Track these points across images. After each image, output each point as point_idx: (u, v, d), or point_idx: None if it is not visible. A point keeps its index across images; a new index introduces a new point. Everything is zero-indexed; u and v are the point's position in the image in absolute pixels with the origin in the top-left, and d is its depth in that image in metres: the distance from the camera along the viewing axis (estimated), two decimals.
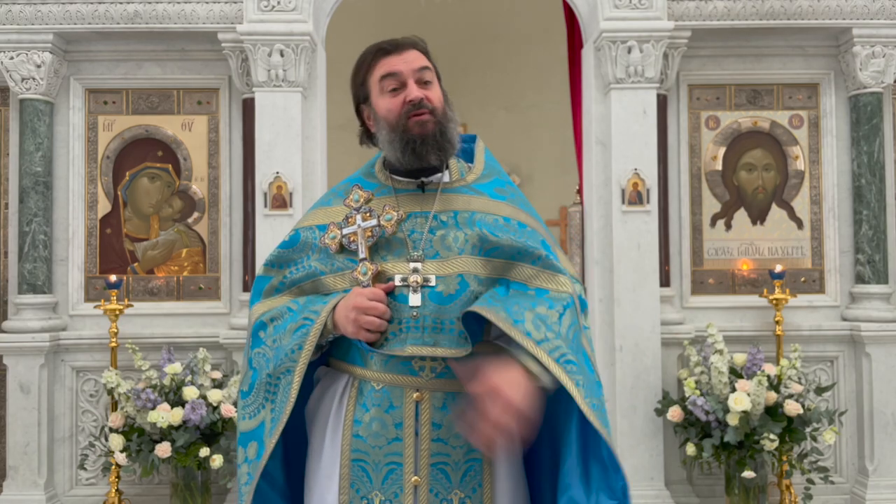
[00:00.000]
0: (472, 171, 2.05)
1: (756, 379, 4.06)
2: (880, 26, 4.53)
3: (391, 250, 1.91)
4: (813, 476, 4.24)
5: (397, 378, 1.86)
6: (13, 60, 4.51)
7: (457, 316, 1.83)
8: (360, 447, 1.87)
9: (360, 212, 1.94)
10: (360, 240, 1.92)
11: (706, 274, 4.74)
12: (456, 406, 1.83)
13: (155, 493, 4.57)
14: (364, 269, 1.89)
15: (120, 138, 4.73)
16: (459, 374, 1.79)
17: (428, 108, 1.90)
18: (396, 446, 1.85)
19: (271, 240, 4.40)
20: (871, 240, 4.58)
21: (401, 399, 1.85)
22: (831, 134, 4.75)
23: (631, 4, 4.43)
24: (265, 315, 1.97)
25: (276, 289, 2.00)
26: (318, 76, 4.63)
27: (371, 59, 1.96)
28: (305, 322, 1.88)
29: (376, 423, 1.86)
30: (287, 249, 2.01)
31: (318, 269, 1.96)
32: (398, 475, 1.85)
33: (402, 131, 1.90)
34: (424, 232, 1.92)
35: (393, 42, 1.96)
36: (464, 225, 1.92)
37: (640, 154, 4.46)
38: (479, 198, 1.99)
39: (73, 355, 4.60)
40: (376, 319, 1.82)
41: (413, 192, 1.99)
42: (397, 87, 1.92)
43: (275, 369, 1.89)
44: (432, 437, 1.85)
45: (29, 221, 4.53)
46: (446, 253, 1.90)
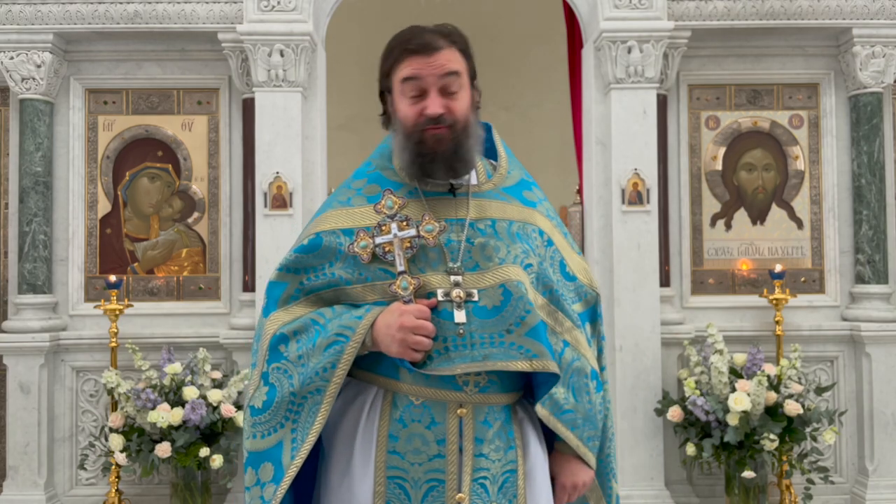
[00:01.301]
0: (498, 171, 1.95)
1: (756, 379, 4.06)
2: (880, 26, 4.52)
3: (428, 261, 1.80)
4: (813, 476, 4.24)
5: (439, 393, 1.77)
6: (13, 60, 4.51)
7: (506, 329, 1.77)
8: (397, 464, 1.77)
9: (395, 220, 1.80)
10: (397, 251, 1.78)
11: (706, 274, 4.73)
12: (494, 420, 1.81)
13: (155, 493, 4.57)
14: (405, 283, 1.76)
15: (120, 138, 4.73)
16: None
17: (447, 122, 1.78)
18: (438, 463, 1.77)
19: (271, 240, 4.40)
20: (871, 240, 4.58)
21: (443, 414, 1.77)
22: (831, 134, 4.74)
23: (631, 4, 4.43)
24: (286, 328, 1.82)
25: (292, 296, 1.86)
26: (318, 76, 4.63)
27: (398, 53, 1.83)
28: (338, 339, 1.75)
29: (417, 440, 1.77)
30: (306, 254, 1.86)
31: (344, 277, 1.82)
32: (440, 493, 1.77)
33: (416, 142, 1.80)
34: (462, 241, 1.82)
35: (422, 41, 1.81)
36: (503, 235, 1.84)
37: (640, 154, 4.46)
38: (513, 206, 1.91)
39: (73, 355, 4.60)
40: (425, 340, 1.72)
41: (443, 195, 1.87)
42: (418, 95, 1.80)
43: (301, 388, 1.76)
44: (475, 453, 1.78)
45: (29, 221, 4.53)
46: (486, 264, 1.81)
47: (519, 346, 1.77)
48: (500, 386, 1.82)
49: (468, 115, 1.83)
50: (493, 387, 1.80)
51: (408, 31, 1.86)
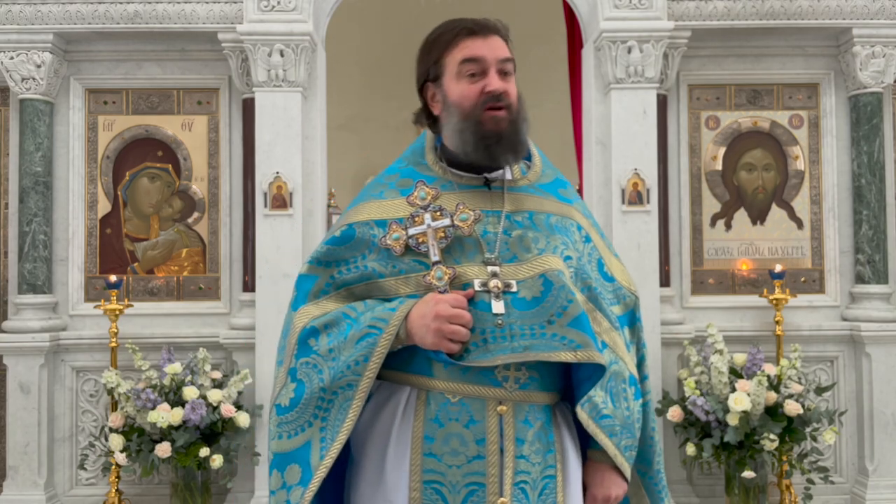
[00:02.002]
0: (532, 169, 1.92)
1: (756, 379, 4.06)
2: (880, 26, 4.52)
3: (463, 252, 1.75)
4: (813, 476, 4.24)
5: (478, 389, 1.69)
6: (13, 60, 4.51)
7: (547, 319, 1.70)
8: (433, 467, 1.69)
9: (428, 210, 1.76)
10: (430, 241, 1.73)
11: (706, 274, 4.73)
12: (535, 419, 1.73)
13: (155, 493, 4.57)
14: (440, 273, 1.71)
15: (120, 138, 4.73)
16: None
17: (506, 103, 1.77)
18: (478, 465, 1.68)
19: (271, 240, 4.40)
20: (871, 240, 4.58)
21: (483, 412, 1.69)
22: (831, 134, 4.74)
23: (631, 4, 4.43)
24: (316, 321, 1.75)
25: (323, 290, 1.80)
26: (318, 76, 4.63)
27: (452, 37, 1.80)
28: (371, 331, 1.69)
29: (455, 440, 1.69)
30: (338, 246, 1.80)
31: (377, 270, 1.77)
32: (480, 497, 1.68)
33: (475, 122, 1.76)
34: (499, 233, 1.77)
35: (479, 23, 1.80)
36: (541, 227, 1.80)
37: (640, 154, 4.46)
38: (550, 200, 1.87)
39: (73, 355, 4.60)
40: (462, 329, 1.66)
41: (479, 188, 1.83)
42: (476, 73, 1.77)
43: (331, 383, 1.69)
44: (516, 454, 1.70)
45: (29, 221, 4.53)
46: (524, 255, 1.75)
47: (562, 336, 1.70)
48: (540, 383, 1.75)
49: (521, 103, 1.82)
50: (534, 384, 1.73)
51: (457, 20, 1.84)
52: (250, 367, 4.41)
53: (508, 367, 1.71)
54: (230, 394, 4.25)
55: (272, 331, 4.35)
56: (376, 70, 8.20)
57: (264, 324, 4.37)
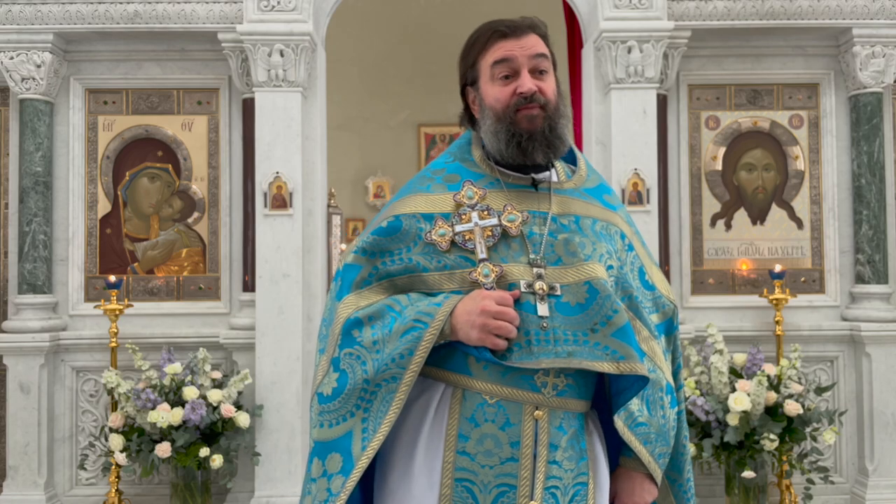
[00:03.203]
0: (577, 173, 1.92)
1: (756, 379, 4.06)
2: (880, 26, 4.52)
3: (509, 252, 1.74)
4: (813, 476, 4.24)
5: (516, 392, 1.69)
6: (13, 60, 4.51)
7: (590, 327, 1.70)
8: (466, 465, 1.69)
9: (475, 209, 1.76)
10: (478, 239, 1.73)
11: (706, 274, 4.73)
12: (569, 426, 1.74)
13: (155, 493, 4.57)
14: (486, 270, 1.70)
15: (120, 138, 4.73)
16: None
17: (540, 101, 1.76)
18: (511, 467, 1.68)
19: (271, 240, 4.40)
20: (871, 240, 4.58)
21: (519, 416, 1.69)
22: (831, 134, 4.75)
23: (631, 4, 4.43)
24: (360, 312, 1.74)
25: (366, 280, 1.79)
26: (318, 76, 4.63)
27: (485, 40, 1.81)
28: (416, 325, 1.68)
29: (489, 441, 1.69)
30: (384, 237, 1.79)
31: (421, 264, 1.76)
32: (511, 498, 1.68)
33: (508, 123, 1.76)
34: (544, 235, 1.77)
35: (511, 24, 1.80)
36: (587, 232, 1.80)
37: (639, 154, 4.46)
38: (595, 206, 1.86)
39: (73, 355, 4.60)
40: (508, 325, 1.65)
41: (526, 188, 1.83)
42: (509, 75, 1.77)
43: (376, 375, 1.68)
44: (548, 460, 1.70)
45: (29, 221, 4.53)
46: (570, 259, 1.74)
47: (605, 346, 1.69)
48: (576, 391, 1.75)
49: (558, 98, 1.81)
50: (571, 391, 1.73)
51: (493, 21, 1.84)
52: (250, 367, 4.41)
53: (548, 373, 1.70)
54: (230, 394, 4.25)
55: (272, 331, 4.35)
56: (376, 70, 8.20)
57: (264, 324, 4.37)
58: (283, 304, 4.37)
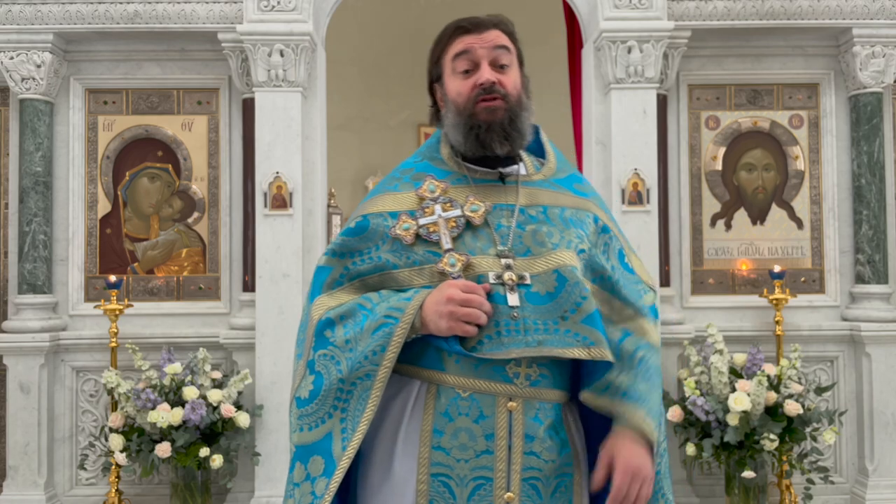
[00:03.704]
0: (546, 165, 1.91)
1: (756, 379, 4.06)
2: (880, 26, 4.52)
3: (476, 244, 1.75)
4: (813, 476, 4.24)
5: (489, 385, 1.69)
6: (13, 60, 4.51)
7: (560, 315, 1.70)
8: (441, 460, 1.69)
9: (438, 202, 1.78)
10: (442, 230, 1.74)
11: (706, 274, 4.73)
12: (545, 416, 1.72)
13: (155, 493, 4.57)
14: (452, 259, 1.71)
15: (120, 138, 4.73)
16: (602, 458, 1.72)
17: (499, 93, 1.77)
18: (486, 459, 1.68)
19: (271, 240, 4.41)
20: (871, 240, 4.58)
21: (492, 408, 1.69)
22: (831, 134, 4.74)
23: (631, 4, 4.43)
24: (332, 312, 1.75)
25: (337, 281, 1.80)
26: (318, 76, 4.63)
27: (448, 36, 1.83)
28: (387, 321, 1.69)
29: (464, 434, 1.69)
30: (353, 237, 1.81)
31: (390, 261, 1.77)
32: (487, 491, 1.68)
33: (468, 115, 1.77)
34: (512, 226, 1.77)
35: (474, 20, 1.82)
36: (555, 221, 1.79)
37: (639, 154, 4.46)
38: (565, 195, 1.86)
39: (73, 355, 4.60)
40: (476, 311, 1.64)
41: (493, 182, 1.83)
42: (469, 69, 1.79)
43: (349, 374, 1.69)
44: (525, 451, 1.69)
45: (29, 221, 4.53)
46: (538, 249, 1.74)
47: (575, 332, 1.69)
48: (551, 381, 1.74)
49: (520, 91, 1.82)
50: (545, 381, 1.72)
51: (455, 20, 1.87)
52: (250, 367, 4.41)
53: (520, 364, 1.70)
54: (230, 394, 4.25)
55: (272, 331, 4.35)
56: (376, 70, 8.20)
57: (264, 324, 4.37)
58: (283, 304, 4.37)
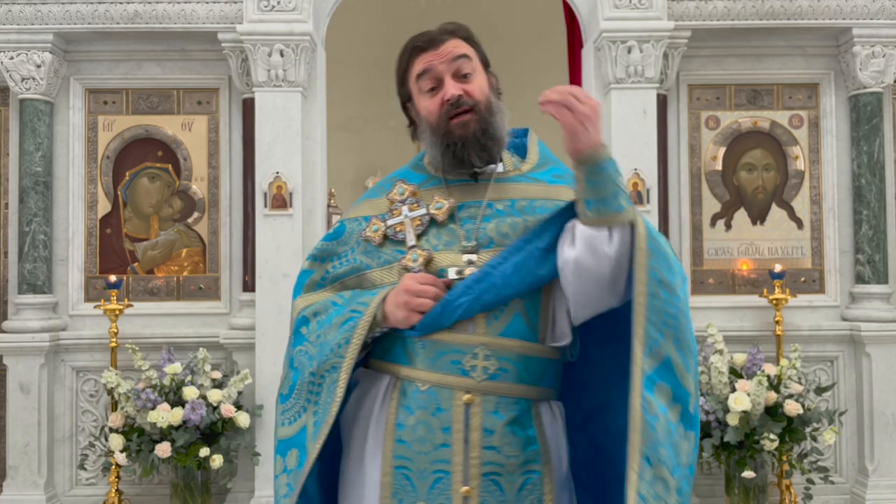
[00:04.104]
0: (527, 162, 1.92)
1: (756, 379, 4.06)
2: (880, 26, 4.52)
3: (442, 240, 1.79)
4: (813, 476, 4.24)
5: (445, 378, 1.72)
6: (13, 60, 4.51)
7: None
8: (403, 453, 1.73)
9: (406, 203, 1.84)
10: (407, 229, 1.81)
11: (706, 274, 4.73)
12: (507, 411, 1.72)
13: (155, 493, 4.57)
14: (414, 255, 1.77)
15: (120, 138, 4.73)
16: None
17: (468, 104, 1.78)
18: (444, 453, 1.71)
19: (271, 240, 4.41)
20: (871, 240, 4.58)
21: (449, 401, 1.71)
22: (831, 134, 4.74)
23: (631, 4, 4.43)
24: (307, 310, 1.85)
25: (318, 284, 1.90)
26: (318, 76, 4.63)
27: (407, 58, 1.85)
28: (353, 315, 1.76)
29: (422, 427, 1.72)
30: (331, 242, 1.91)
31: (364, 262, 1.84)
32: (446, 484, 1.70)
33: (443, 134, 1.79)
34: (478, 221, 1.80)
35: (427, 37, 1.83)
36: (522, 212, 1.80)
37: (639, 154, 4.46)
38: (537, 185, 1.87)
39: (73, 355, 4.60)
40: (429, 301, 1.70)
41: (465, 182, 1.86)
42: (434, 87, 1.81)
43: (319, 367, 1.77)
44: (483, 445, 1.70)
45: (29, 221, 4.53)
46: (503, 241, 1.77)
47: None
48: (513, 375, 1.74)
49: (489, 96, 1.83)
50: (504, 375, 1.73)
51: (413, 37, 1.88)
52: (250, 367, 4.41)
53: (477, 356, 1.72)
54: (230, 394, 4.25)
55: (272, 331, 4.35)
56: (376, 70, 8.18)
57: (264, 324, 4.37)
58: (283, 304, 4.36)
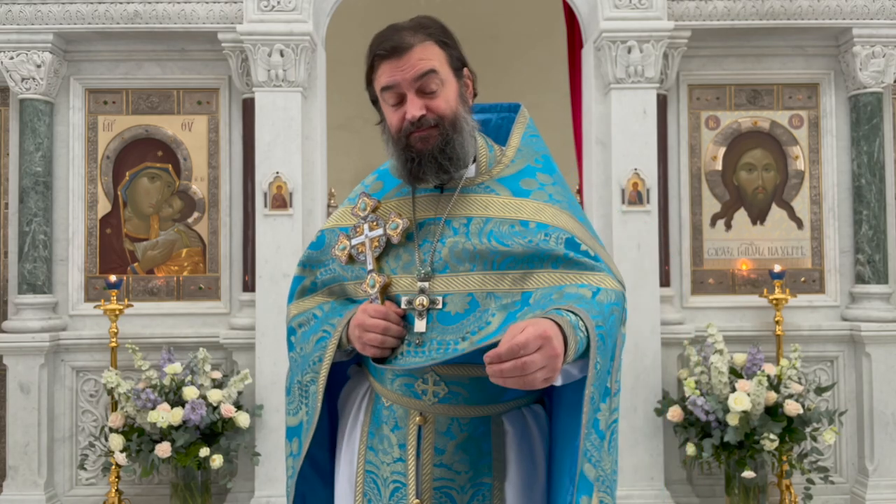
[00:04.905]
0: (501, 161, 1.85)
1: (756, 379, 4.06)
2: (880, 26, 4.52)
3: (400, 262, 1.79)
4: (813, 476, 4.24)
5: (402, 399, 1.78)
6: (13, 60, 4.51)
7: (461, 336, 1.69)
8: (372, 459, 1.84)
9: (367, 221, 1.83)
10: (367, 250, 1.81)
11: (706, 274, 4.73)
12: (459, 431, 1.76)
13: (155, 493, 4.57)
14: (372, 281, 1.79)
15: (120, 138, 4.73)
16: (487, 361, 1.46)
17: (429, 123, 1.72)
18: (400, 466, 1.78)
19: (271, 240, 4.41)
20: (871, 240, 4.58)
21: (405, 420, 1.78)
22: (831, 134, 4.75)
23: (631, 4, 4.43)
24: (295, 320, 1.95)
25: (309, 289, 1.97)
26: (318, 76, 4.63)
27: (372, 62, 1.82)
28: (325, 333, 1.85)
29: (385, 441, 1.80)
30: (315, 251, 1.96)
31: (341, 274, 1.90)
32: (402, 494, 1.78)
33: (403, 147, 1.75)
34: (434, 242, 1.76)
35: (390, 44, 1.75)
36: (474, 235, 1.74)
37: (639, 154, 4.46)
38: (500, 197, 1.78)
39: (73, 355, 4.60)
40: (378, 336, 1.72)
41: (431, 192, 1.83)
42: (398, 102, 1.76)
43: (303, 376, 1.89)
44: (434, 462, 1.77)
45: (29, 221, 4.53)
46: (456, 266, 1.73)
47: (463, 349, 1.67)
48: (464, 398, 1.75)
49: (455, 109, 1.75)
50: (456, 398, 1.74)
51: (380, 34, 1.81)
52: (250, 367, 4.41)
53: (427, 381, 1.75)
54: (230, 394, 4.25)
55: (272, 331, 4.35)
56: None
57: (264, 324, 4.37)
58: (282, 304, 4.36)
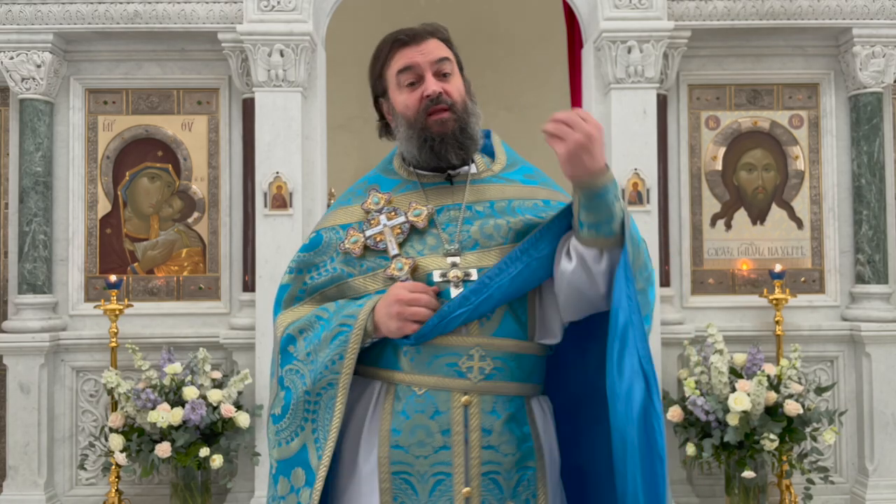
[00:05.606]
0: (497, 162, 1.95)
1: (756, 379, 4.06)
2: (880, 26, 4.52)
3: (426, 245, 1.80)
4: (813, 476, 4.24)
5: (443, 381, 1.72)
6: (13, 60, 4.51)
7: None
8: (401, 458, 1.73)
9: (382, 212, 1.83)
10: (388, 238, 1.80)
11: (706, 274, 4.73)
12: (504, 409, 1.74)
13: (155, 493, 4.57)
14: (399, 264, 1.77)
15: (120, 138, 4.73)
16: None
17: (447, 103, 1.80)
18: (444, 455, 1.71)
19: (271, 240, 4.40)
20: (871, 240, 4.58)
21: (447, 403, 1.72)
22: (831, 134, 4.75)
23: (631, 4, 4.43)
24: (291, 327, 1.84)
25: (297, 297, 1.89)
26: (318, 76, 4.63)
27: (388, 51, 1.87)
28: (342, 329, 1.75)
29: (421, 431, 1.72)
30: (308, 253, 1.89)
31: (345, 271, 1.83)
32: (447, 486, 1.71)
33: (420, 129, 1.80)
34: (459, 224, 1.81)
35: (410, 32, 1.85)
36: (503, 213, 1.82)
37: (639, 154, 4.46)
38: (512, 185, 1.89)
39: (73, 355, 4.60)
40: (422, 310, 1.70)
41: (441, 184, 1.87)
42: (415, 82, 1.82)
43: (313, 385, 1.76)
44: (483, 445, 1.72)
45: (29, 221, 4.53)
46: (487, 242, 1.79)
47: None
48: (507, 373, 1.76)
49: (465, 98, 1.84)
50: (500, 374, 1.74)
51: (392, 33, 1.90)
52: (250, 367, 4.41)
53: (472, 357, 1.73)
54: (230, 394, 4.25)
55: (272, 331, 4.34)
56: None
57: (264, 324, 4.37)
58: None
